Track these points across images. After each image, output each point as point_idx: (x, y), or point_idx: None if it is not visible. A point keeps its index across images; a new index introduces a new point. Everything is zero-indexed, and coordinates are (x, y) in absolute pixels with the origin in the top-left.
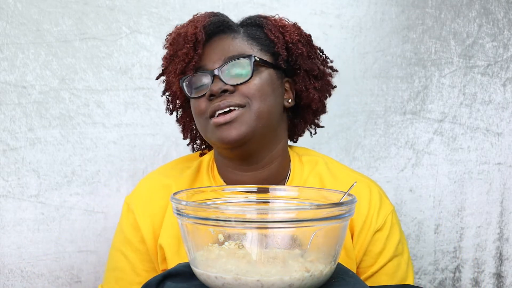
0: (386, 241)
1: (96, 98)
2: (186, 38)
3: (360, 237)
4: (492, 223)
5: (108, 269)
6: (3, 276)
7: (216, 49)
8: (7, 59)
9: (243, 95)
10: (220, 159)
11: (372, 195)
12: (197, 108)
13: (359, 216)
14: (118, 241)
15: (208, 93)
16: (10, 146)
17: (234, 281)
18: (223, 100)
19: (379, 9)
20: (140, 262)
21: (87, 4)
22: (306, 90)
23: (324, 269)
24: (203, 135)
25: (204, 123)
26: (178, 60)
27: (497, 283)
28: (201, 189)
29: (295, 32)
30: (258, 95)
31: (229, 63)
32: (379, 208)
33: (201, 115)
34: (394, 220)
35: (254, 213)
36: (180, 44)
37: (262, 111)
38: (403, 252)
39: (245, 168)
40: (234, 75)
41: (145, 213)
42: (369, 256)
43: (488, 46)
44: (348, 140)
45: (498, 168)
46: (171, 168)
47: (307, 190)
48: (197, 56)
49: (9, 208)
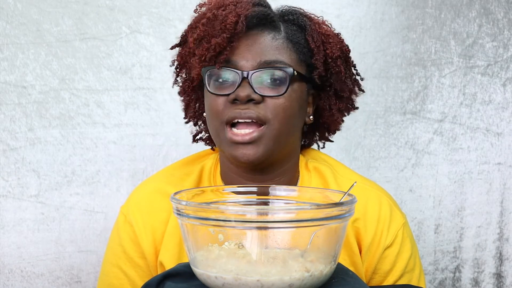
0: (396, 259)
1: (96, 98)
2: (224, 25)
3: (368, 254)
4: (492, 223)
5: (102, 284)
6: (3, 276)
7: (252, 46)
8: (7, 59)
9: (267, 109)
10: (226, 164)
11: (382, 209)
12: (214, 107)
13: (368, 232)
14: (114, 255)
15: (233, 96)
16: (10, 146)
17: (234, 281)
18: (246, 109)
19: (379, 9)
20: (140, 279)
21: (87, 4)
22: (329, 109)
23: (324, 269)
24: (214, 138)
25: (218, 127)
26: (208, 46)
27: (497, 283)
28: (201, 189)
29: (337, 46)
30: (283, 115)
31: (264, 70)
32: (390, 223)
33: (217, 116)
34: (405, 234)
35: (254, 213)
36: (215, 30)
37: (282, 132)
38: (415, 267)
39: (253, 178)
40: (266, 85)
41: (146, 226)
42: (378, 274)
43: (488, 46)
44: (348, 140)
45: (498, 168)
46: (171, 175)
47: (307, 190)
48: (231, 49)
49: (9, 208)
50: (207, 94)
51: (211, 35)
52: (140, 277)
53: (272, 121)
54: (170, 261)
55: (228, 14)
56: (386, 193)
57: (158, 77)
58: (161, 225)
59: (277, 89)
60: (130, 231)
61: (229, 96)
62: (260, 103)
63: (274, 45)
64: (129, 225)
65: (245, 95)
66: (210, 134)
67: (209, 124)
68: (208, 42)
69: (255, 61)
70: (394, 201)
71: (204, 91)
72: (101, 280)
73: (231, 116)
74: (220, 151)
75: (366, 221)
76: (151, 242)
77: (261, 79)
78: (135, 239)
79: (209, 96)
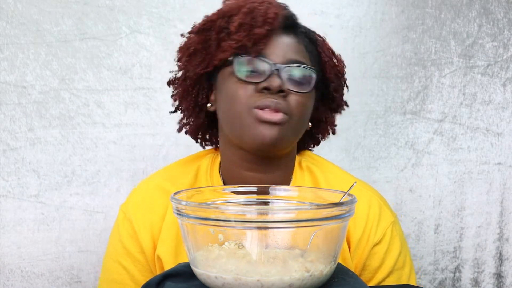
0: (384, 256)
1: (96, 98)
2: (265, 18)
3: (357, 251)
4: (492, 223)
5: (104, 280)
6: (3, 276)
7: (280, 45)
8: (7, 59)
9: (291, 104)
10: (228, 157)
11: (371, 206)
12: (242, 93)
13: (357, 229)
14: (115, 251)
15: (265, 85)
16: (10, 146)
17: (234, 281)
18: (276, 100)
19: (379, 9)
20: (140, 274)
21: (87, 4)
22: (325, 122)
23: (324, 269)
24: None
25: (242, 111)
26: (248, 34)
27: (497, 283)
28: (201, 189)
29: (341, 64)
30: (302, 113)
31: (294, 66)
32: (378, 221)
33: (243, 103)
34: (394, 232)
35: (254, 213)
36: (257, 21)
37: (297, 128)
38: (404, 266)
39: (255, 168)
40: (294, 81)
41: (144, 222)
42: (367, 271)
43: (488, 46)
44: (348, 140)
45: (498, 168)
46: (169, 173)
47: (307, 190)
48: (266, 41)
49: (9, 208)
50: (232, 81)
51: (253, 24)
52: (140, 272)
53: (293, 115)
54: (167, 255)
55: (267, 9)
56: (377, 193)
57: (158, 77)
58: (159, 220)
59: (302, 87)
60: (129, 227)
61: (260, 84)
62: (286, 97)
63: (299, 48)
64: (128, 221)
65: (278, 85)
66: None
67: (230, 111)
68: (247, 30)
69: (284, 58)
70: (385, 200)
71: (224, 79)
72: (102, 275)
73: (263, 103)
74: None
75: (356, 218)
76: (149, 237)
77: (291, 74)
78: (134, 235)
79: (235, 83)
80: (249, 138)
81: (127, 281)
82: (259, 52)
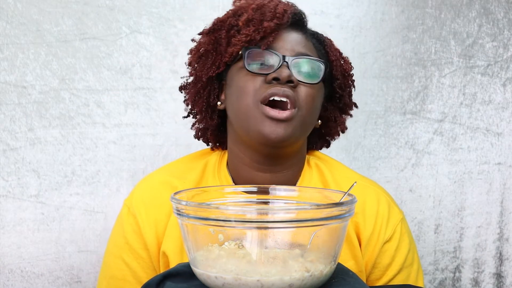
0: (395, 253)
1: (96, 98)
2: (275, 13)
3: (368, 249)
4: (492, 223)
5: (104, 276)
6: (3, 276)
7: (288, 39)
8: (7, 59)
9: (300, 95)
10: (237, 154)
11: (380, 203)
12: (251, 85)
13: (367, 226)
14: (117, 247)
15: (274, 75)
16: (10, 146)
17: (234, 281)
18: (285, 88)
19: (379, 9)
20: (143, 271)
21: (87, 4)
22: (334, 121)
23: (324, 269)
24: (239, 120)
25: (251, 105)
26: (257, 28)
27: (497, 283)
28: (201, 189)
29: (348, 64)
30: (311, 104)
31: (302, 58)
32: (388, 218)
33: (252, 95)
34: (403, 229)
35: (254, 213)
36: (266, 15)
37: (307, 120)
38: (413, 262)
39: (264, 168)
40: (303, 73)
41: (149, 217)
42: (377, 268)
43: (488, 46)
44: (348, 140)
45: (498, 168)
46: (175, 168)
47: (307, 190)
48: (275, 35)
49: (9, 208)
50: (241, 74)
51: (262, 19)
52: (142, 269)
53: (302, 107)
54: (174, 251)
55: (276, 5)
56: (384, 190)
57: (158, 77)
58: (164, 216)
59: (311, 78)
60: (134, 222)
61: (269, 75)
62: (295, 88)
63: (307, 43)
64: (133, 216)
65: (287, 75)
66: (233, 117)
67: (238, 104)
68: (256, 25)
69: (292, 51)
70: (392, 198)
71: (234, 74)
72: (102, 272)
73: (269, 92)
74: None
75: (365, 215)
76: (153, 233)
77: (299, 66)
78: (138, 231)
79: (244, 75)
80: (255, 133)
81: (129, 278)
82: (268, 45)
